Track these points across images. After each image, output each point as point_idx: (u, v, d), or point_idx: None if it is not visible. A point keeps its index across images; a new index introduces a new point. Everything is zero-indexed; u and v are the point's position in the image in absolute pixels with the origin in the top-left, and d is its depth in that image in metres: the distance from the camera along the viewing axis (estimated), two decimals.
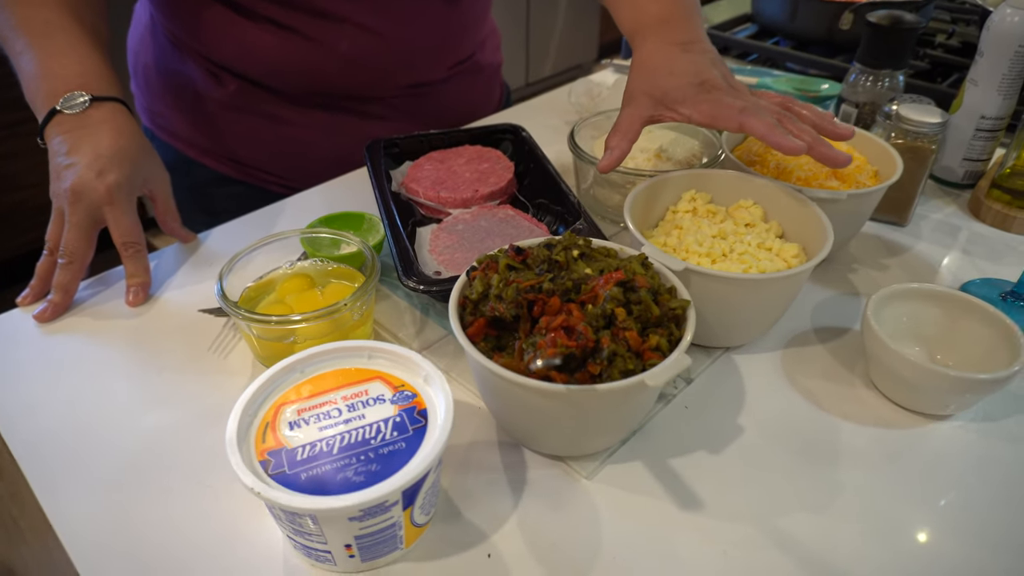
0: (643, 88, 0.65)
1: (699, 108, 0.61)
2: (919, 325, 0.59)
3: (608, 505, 0.48)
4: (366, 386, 0.46)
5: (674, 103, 0.63)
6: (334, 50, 0.82)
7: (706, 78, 0.63)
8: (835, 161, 0.59)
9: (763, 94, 0.65)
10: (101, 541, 0.46)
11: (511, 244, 0.52)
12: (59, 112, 0.66)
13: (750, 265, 0.56)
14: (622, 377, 0.44)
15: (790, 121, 0.61)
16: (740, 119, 0.59)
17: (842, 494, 0.49)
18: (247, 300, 0.59)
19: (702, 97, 0.62)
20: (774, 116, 0.60)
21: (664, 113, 0.64)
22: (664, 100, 0.63)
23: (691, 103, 0.62)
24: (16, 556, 1.49)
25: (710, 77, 0.63)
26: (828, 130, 0.63)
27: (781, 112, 0.62)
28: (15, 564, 1.47)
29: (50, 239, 0.65)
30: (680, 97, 0.62)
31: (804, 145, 0.57)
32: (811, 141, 0.59)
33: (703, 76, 0.63)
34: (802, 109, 0.64)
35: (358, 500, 0.39)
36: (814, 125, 0.63)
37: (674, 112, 0.63)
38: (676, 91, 0.63)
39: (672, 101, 0.63)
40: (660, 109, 0.64)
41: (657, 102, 0.63)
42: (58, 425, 0.54)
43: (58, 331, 0.63)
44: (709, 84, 0.63)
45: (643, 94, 0.64)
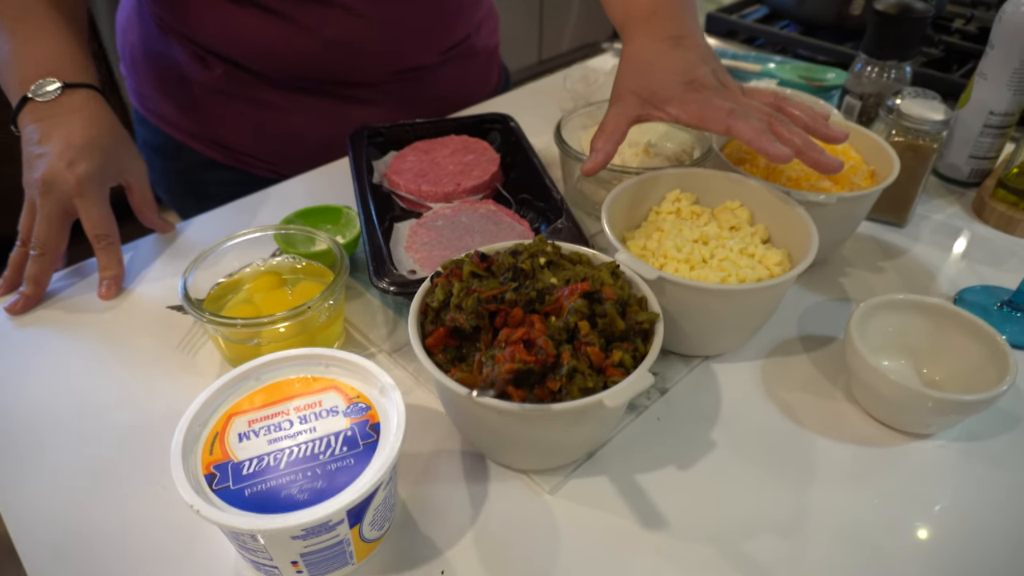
0: (630, 86, 0.62)
1: (687, 108, 0.59)
2: (907, 337, 0.56)
3: (568, 522, 0.47)
4: (320, 396, 0.45)
5: (662, 102, 0.60)
6: (319, 34, 0.80)
7: (695, 76, 0.60)
8: (826, 167, 0.56)
9: (755, 92, 0.63)
10: (54, 541, 0.46)
11: (476, 251, 0.50)
12: (31, 99, 0.64)
13: (729, 273, 0.54)
14: (582, 395, 0.42)
15: (780, 124, 0.58)
16: (728, 122, 0.57)
17: (812, 516, 0.47)
18: (215, 298, 0.58)
19: (690, 97, 0.59)
20: (763, 120, 0.58)
21: (652, 112, 0.61)
22: (652, 99, 0.61)
23: (679, 103, 0.59)
24: None
25: (699, 75, 0.60)
26: (820, 132, 0.60)
27: (771, 114, 0.59)
28: None
29: (22, 230, 0.65)
30: (668, 96, 0.60)
31: (791, 153, 0.55)
32: (801, 146, 0.56)
33: (692, 74, 0.60)
34: (794, 109, 0.61)
35: (299, 520, 0.38)
36: (806, 127, 0.60)
37: (661, 111, 0.61)
38: (664, 90, 0.60)
39: (660, 100, 0.60)
40: (647, 108, 0.61)
41: (644, 101, 0.61)
42: (22, 422, 0.54)
43: (30, 324, 0.63)
44: (698, 83, 0.60)
45: (630, 92, 0.62)
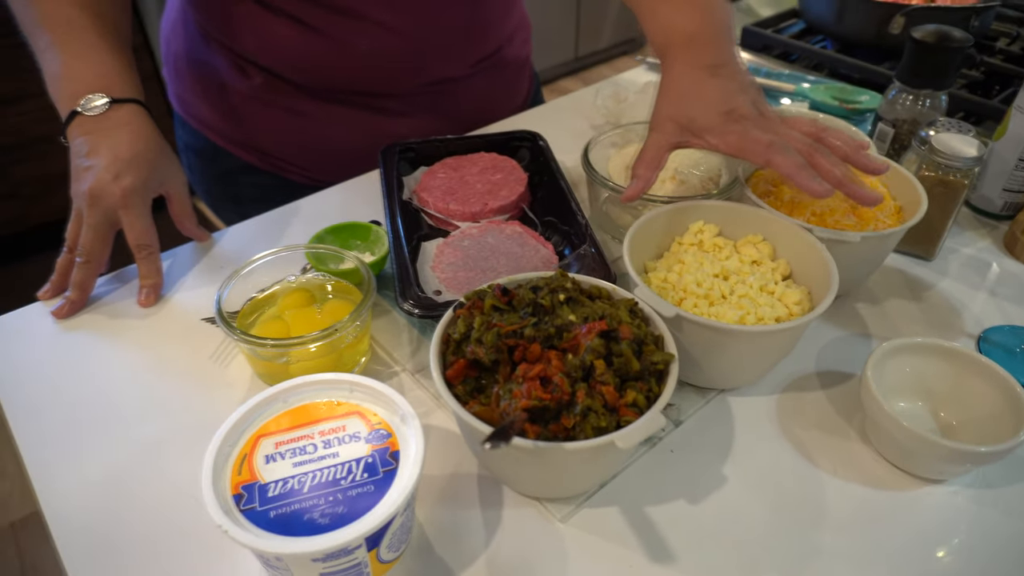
0: (669, 114, 0.63)
1: (726, 139, 0.60)
2: (925, 379, 0.57)
3: (578, 550, 0.49)
4: (344, 421, 0.47)
5: (701, 131, 0.61)
6: (354, 47, 0.82)
7: (734, 106, 0.61)
8: (866, 200, 0.57)
9: (794, 122, 0.63)
10: (89, 541, 0.49)
11: (498, 284, 0.51)
12: (79, 113, 0.67)
13: (748, 312, 0.55)
14: (595, 433, 0.44)
15: (820, 155, 0.59)
16: (767, 155, 0.57)
17: (818, 559, 0.48)
18: (247, 313, 0.61)
19: (729, 128, 0.60)
20: (803, 152, 0.58)
21: (691, 140, 0.62)
22: (690, 127, 0.62)
23: (718, 133, 0.60)
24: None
25: (738, 105, 0.61)
26: (860, 163, 0.60)
27: (811, 145, 0.60)
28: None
29: (69, 237, 0.68)
30: (707, 125, 0.61)
31: (830, 189, 0.56)
32: (841, 178, 0.57)
33: (731, 104, 0.61)
34: (835, 139, 0.61)
35: (320, 546, 0.40)
36: (845, 157, 0.61)
37: (701, 140, 0.62)
38: (703, 119, 0.61)
39: (699, 129, 0.61)
40: (686, 136, 0.62)
41: (683, 129, 0.62)
42: (62, 420, 0.57)
43: (73, 328, 0.66)
44: (737, 113, 0.60)
45: (669, 120, 0.63)
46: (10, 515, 1.57)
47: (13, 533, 1.54)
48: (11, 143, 1.94)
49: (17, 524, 1.55)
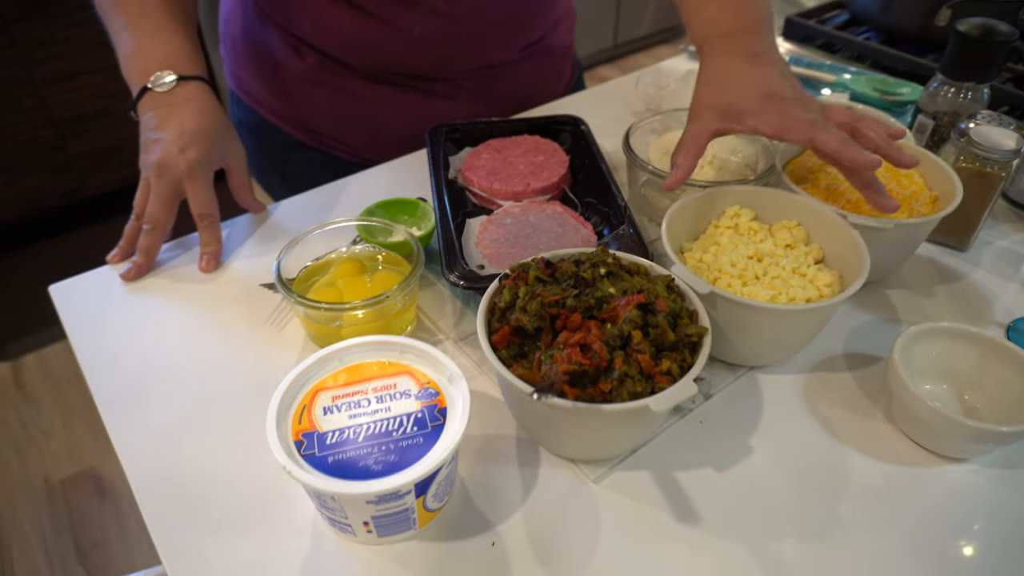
0: (708, 102, 0.64)
1: (766, 120, 0.61)
2: (951, 363, 0.58)
3: (610, 510, 0.52)
4: (395, 380, 0.51)
5: (741, 115, 0.62)
6: (406, 32, 0.85)
7: (774, 89, 0.62)
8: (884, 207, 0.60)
9: (830, 109, 0.64)
10: (158, 482, 0.54)
11: (542, 257, 0.54)
12: (149, 90, 0.72)
13: (780, 292, 0.57)
14: (630, 398, 0.47)
15: (860, 133, 0.60)
16: (810, 133, 0.58)
17: (838, 527, 0.51)
18: (302, 280, 0.65)
19: (770, 108, 0.61)
20: (845, 130, 0.59)
21: (731, 125, 0.63)
22: (730, 112, 0.63)
23: (758, 114, 0.61)
24: (103, 464, 1.66)
25: (779, 89, 0.62)
26: (892, 157, 0.61)
27: (851, 127, 0.61)
28: (102, 471, 1.64)
29: (137, 205, 0.72)
30: (747, 108, 0.62)
31: (879, 159, 0.57)
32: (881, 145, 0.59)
33: (772, 87, 0.62)
34: (869, 131, 0.62)
35: (373, 488, 0.44)
36: (877, 149, 0.61)
37: (741, 124, 0.62)
38: (743, 102, 0.62)
39: (739, 113, 0.62)
40: (726, 122, 0.63)
41: (723, 115, 0.63)
42: (132, 375, 0.62)
43: (140, 290, 0.71)
44: (777, 95, 0.62)
45: (708, 108, 0.64)
46: (60, 473, 1.65)
47: (63, 490, 1.62)
48: (68, 117, 2.02)
49: (67, 481, 1.63)
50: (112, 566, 1.48)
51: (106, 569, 1.47)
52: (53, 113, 1.99)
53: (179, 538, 0.50)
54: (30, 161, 2.03)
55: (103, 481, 1.63)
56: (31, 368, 1.87)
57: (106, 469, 1.65)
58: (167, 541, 0.50)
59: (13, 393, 1.82)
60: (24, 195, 2.07)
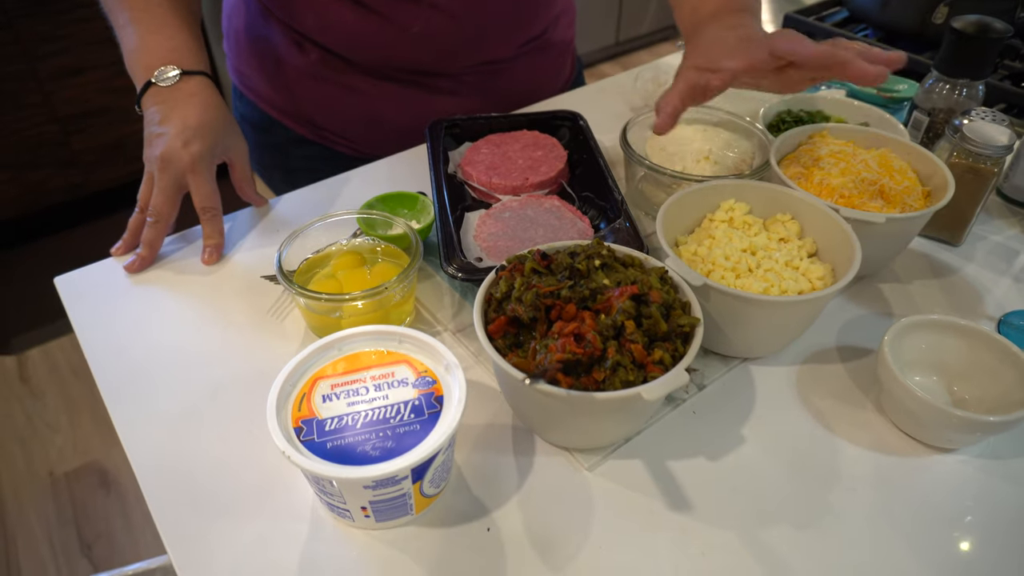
0: (690, 62, 0.67)
1: (739, 59, 0.63)
2: (940, 355, 0.59)
3: (603, 497, 0.53)
4: (393, 368, 0.52)
5: (717, 59, 0.64)
6: (407, 29, 0.86)
7: (751, 34, 0.64)
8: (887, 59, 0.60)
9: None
10: (162, 469, 0.55)
11: (538, 248, 0.55)
12: (153, 84, 0.73)
13: (772, 284, 0.58)
14: (623, 387, 0.48)
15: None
16: (789, 46, 0.60)
17: (829, 515, 0.52)
18: (303, 272, 0.66)
19: (742, 48, 0.63)
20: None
21: (710, 78, 0.64)
22: (709, 64, 0.64)
23: (731, 56, 0.63)
24: (108, 457, 1.67)
25: (755, 33, 0.64)
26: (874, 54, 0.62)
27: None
28: (107, 464, 1.66)
29: (141, 199, 0.73)
30: (722, 52, 0.64)
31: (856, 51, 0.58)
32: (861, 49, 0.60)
33: (748, 33, 0.64)
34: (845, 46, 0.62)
35: (371, 473, 0.45)
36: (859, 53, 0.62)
37: (718, 71, 0.64)
38: (719, 48, 0.64)
39: (715, 60, 0.64)
40: (706, 75, 0.65)
41: (702, 68, 0.65)
42: (137, 365, 0.63)
43: (143, 282, 0.72)
44: (752, 39, 0.64)
45: (689, 66, 0.66)
46: (64, 466, 1.66)
47: (68, 483, 1.63)
48: (72, 113, 2.03)
49: (71, 474, 1.65)
50: (116, 558, 1.49)
51: (110, 561, 1.49)
52: (57, 109, 2.01)
53: (182, 524, 0.52)
54: (35, 157, 2.04)
55: (108, 474, 1.64)
56: (36, 362, 1.89)
57: (111, 462, 1.66)
58: (170, 527, 0.51)
59: (18, 387, 1.84)
60: (29, 190, 2.08)
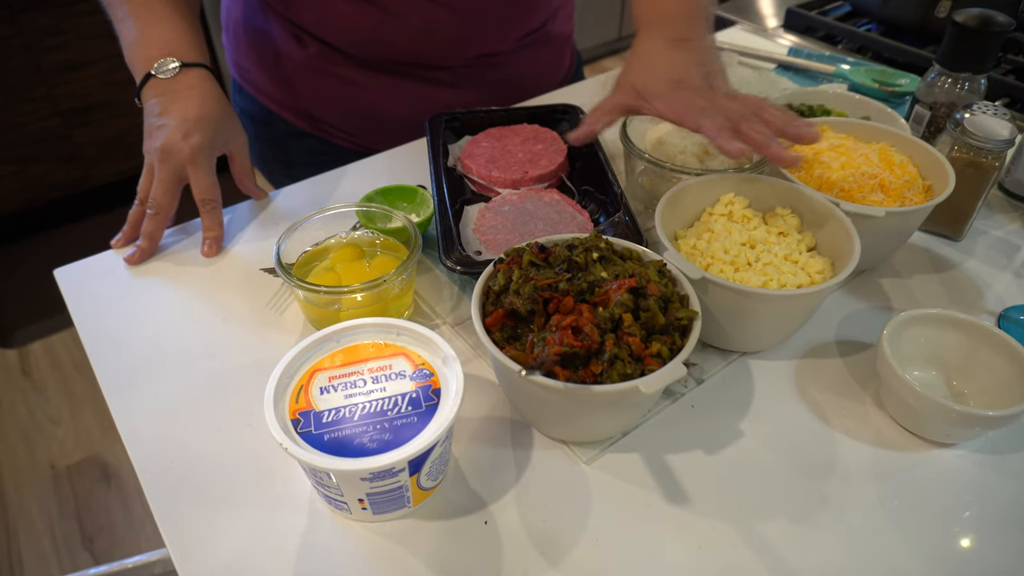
0: (628, 79, 0.68)
1: (668, 105, 0.65)
2: (940, 350, 0.59)
3: (600, 490, 0.53)
4: (391, 361, 0.52)
5: (652, 97, 0.66)
6: (407, 21, 0.86)
7: (684, 76, 0.66)
8: (784, 160, 0.62)
9: (742, 97, 0.66)
10: (160, 461, 0.55)
11: (536, 241, 0.55)
12: (153, 76, 0.72)
13: (771, 278, 0.58)
14: (621, 380, 0.48)
15: (748, 124, 0.62)
16: (697, 119, 0.62)
17: (826, 508, 0.52)
18: (302, 264, 0.66)
19: (675, 95, 0.65)
20: (732, 120, 0.62)
21: (642, 104, 0.67)
22: (643, 93, 0.66)
23: (664, 100, 0.65)
24: (109, 451, 1.68)
25: (688, 76, 0.66)
26: (791, 134, 0.63)
27: (744, 117, 0.63)
28: (108, 458, 1.66)
29: (141, 191, 0.73)
30: (656, 92, 0.65)
31: (743, 148, 0.60)
32: (761, 142, 0.61)
33: (682, 74, 0.66)
34: (772, 116, 0.64)
35: (369, 465, 0.45)
36: (780, 131, 0.63)
37: (649, 105, 0.66)
38: (654, 86, 0.66)
39: (649, 95, 0.66)
40: (639, 100, 0.67)
41: (638, 94, 0.67)
42: (136, 356, 0.63)
43: (143, 273, 0.72)
44: (685, 83, 0.65)
45: (627, 84, 0.68)
46: (66, 459, 1.67)
47: (69, 476, 1.64)
48: (74, 107, 2.03)
49: (72, 467, 1.65)
50: (117, 551, 1.50)
51: (111, 553, 1.49)
52: (60, 103, 2.01)
53: (180, 516, 0.52)
54: (37, 150, 2.04)
55: (109, 467, 1.65)
56: (38, 356, 1.89)
57: (112, 455, 1.67)
58: (168, 519, 0.52)
59: (20, 380, 1.84)
60: (31, 184, 2.09)
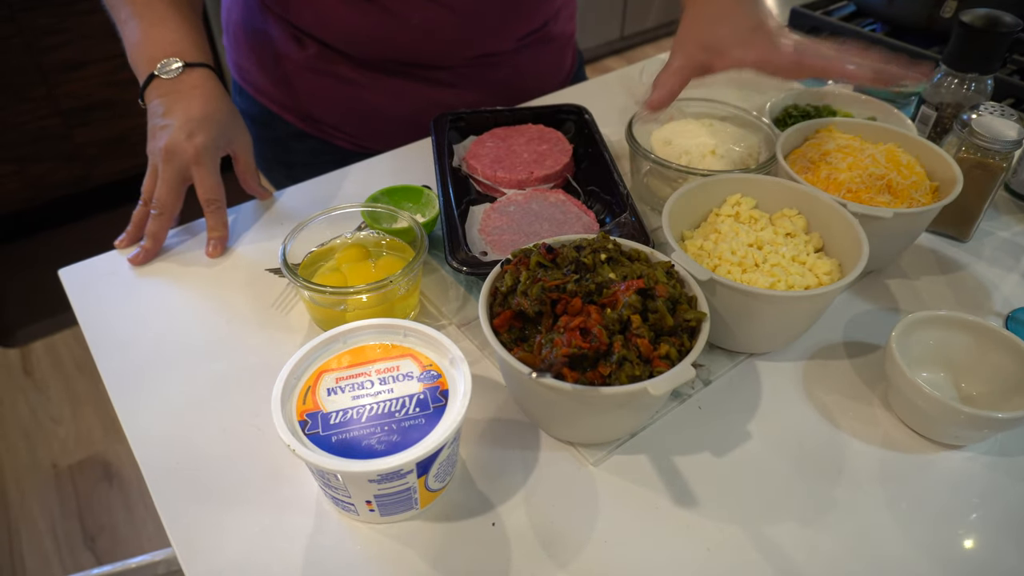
0: (694, 36, 0.65)
1: (753, 50, 0.61)
2: (948, 351, 0.59)
3: (608, 492, 0.52)
4: (398, 362, 0.52)
5: (727, 46, 0.63)
6: (407, 21, 0.85)
7: (762, 21, 0.63)
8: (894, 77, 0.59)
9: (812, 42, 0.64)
10: (166, 462, 0.55)
11: (543, 242, 0.55)
12: (156, 77, 0.72)
13: (779, 279, 0.57)
14: (629, 381, 0.47)
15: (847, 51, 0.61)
16: (796, 57, 0.59)
17: (834, 510, 0.51)
18: (308, 265, 0.65)
19: (757, 39, 0.62)
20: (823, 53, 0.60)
21: (715, 60, 0.64)
22: (717, 45, 0.63)
23: (745, 45, 0.62)
24: (111, 451, 1.68)
25: (766, 21, 0.63)
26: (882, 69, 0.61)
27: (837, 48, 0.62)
28: (110, 457, 1.66)
29: (145, 191, 0.73)
30: (734, 39, 0.63)
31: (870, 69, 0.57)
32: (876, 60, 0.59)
33: (759, 20, 0.63)
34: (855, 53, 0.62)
35: (377, 467, 0.44)
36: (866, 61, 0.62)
37: (725, 57, 0.63)
38: (730, 35, 0.63)
39: (725, 44, 0.63)
40: (711, 55, 0.64)
41: (708, 48, 0.64)
42: (141, 357, 0.63)
43: (148, 274, 0.71)
44: (765, 27, 0.63)
45: (693, 42, 0.65)
46: (67, 459, 1.67)
47: (71, 475, 1.64)
48: (75, 107, 2.03)
49: (74, 467, 1.65)
50: (119, 550, 1.49)
51: (113, 553, 1.49)
52: (60, 102, 2.00)
53: (186, 516, 0.51)
54: (38, 150, 2.04)
55: (111, 467, 1.65)
56: (39, 355, 1.89)
57: (113, 455, 1.67)
58: (174, 520, 0.51)
59: (22, 379, 1.84)
60: (32, 184, 2.08)
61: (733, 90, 0.94)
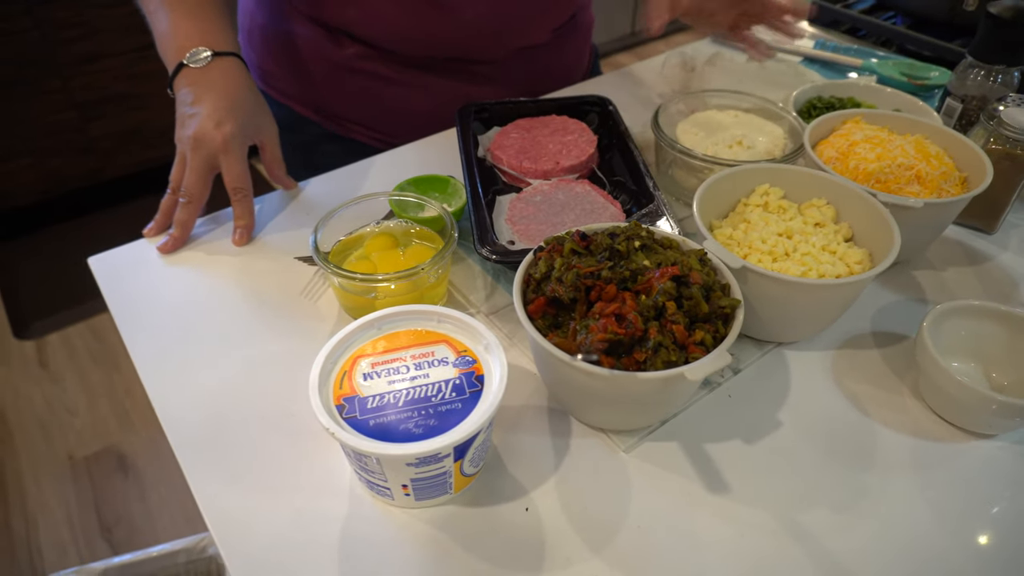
0: None
1: None
2: (979, 341, 0.59)
3: (640, 478, 0.53)
4: (433, 348, 0.52)
5: None
6: (459, 16, 0.85)
7: None
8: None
9: None
10: (200, 447, 0.55)
11: (577, 230, 0.55)
12: (185, 66, 0.73)
13: (810, 268, 0.58)
14: (664, 367, 0.48)
15: None
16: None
17: (866, 497, 0.51)
18: (337, 253, 0.66)
19: None
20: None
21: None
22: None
23: None
24: (126, 442, 1.69)
25: None
26: None
27: None
28: (125, 449, 1.67)
29: (173, 179, 0.73)
30: None
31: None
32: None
33: None
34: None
35: (415, 450, 0.45)
36: None
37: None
38: None
39: None
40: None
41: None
42: (171, 343, 0.63)
43: (176, 262, 0.72)
44: None
45: None
46: (83, 450, 1.68)
47: (87, 466, 1.65)
48: (90, 100, 2.04)
49: (90, 458, 1.66)
50: (136, 540, 1.50)
51: (129, 543, 1.50)
52: (76, 95, 2.01)
53: (221, 499, 0.52)
54: (53, 143, 2.05)
55: (126, 459, 1.66)
56: (55, 347, 1.90)
57: (128, 446, 1.68)
58: (209, 502, 0.52)
59: (37, 371, 1.85)
60: (47, 176, 2.09)
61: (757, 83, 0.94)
